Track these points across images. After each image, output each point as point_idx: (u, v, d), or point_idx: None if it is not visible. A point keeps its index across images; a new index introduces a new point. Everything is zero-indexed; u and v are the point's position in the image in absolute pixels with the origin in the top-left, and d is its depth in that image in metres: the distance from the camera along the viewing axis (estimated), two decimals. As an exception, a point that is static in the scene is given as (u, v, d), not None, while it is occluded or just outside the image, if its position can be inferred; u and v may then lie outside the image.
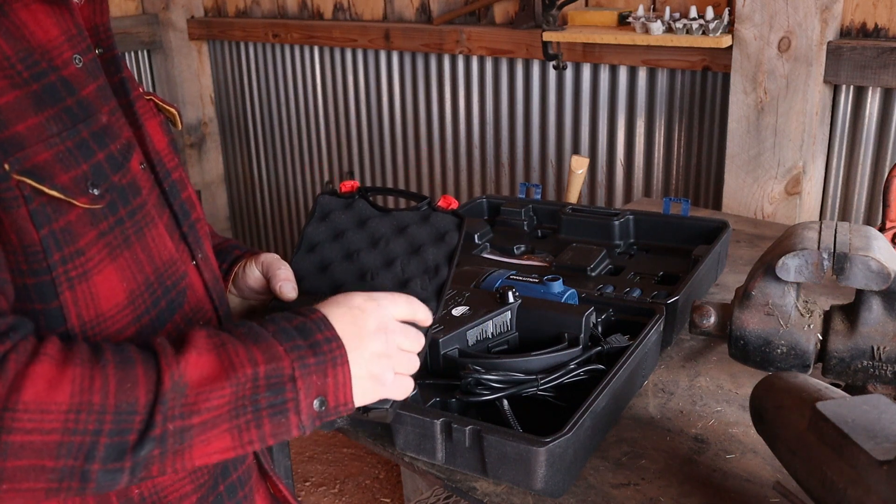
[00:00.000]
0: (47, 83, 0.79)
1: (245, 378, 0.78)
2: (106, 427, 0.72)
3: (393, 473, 2.97)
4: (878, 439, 0.87)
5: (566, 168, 2.85)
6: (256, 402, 0.79)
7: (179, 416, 0.75)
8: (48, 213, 0.77)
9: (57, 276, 0.78)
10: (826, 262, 1.16)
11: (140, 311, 0.85)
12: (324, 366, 0.83)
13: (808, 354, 1.21)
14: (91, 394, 0.72)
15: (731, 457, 1.22)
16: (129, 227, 0.84)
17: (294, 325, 0.84)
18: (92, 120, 0.82)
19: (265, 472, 1.08)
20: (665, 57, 2.49)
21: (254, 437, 0.80)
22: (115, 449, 0.73)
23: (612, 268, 1.76)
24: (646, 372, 1.42)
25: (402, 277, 1.10)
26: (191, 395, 0.76)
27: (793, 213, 2.28)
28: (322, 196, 1.20)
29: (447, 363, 1.29)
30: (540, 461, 1.08)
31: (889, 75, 2.08)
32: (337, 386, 0.83)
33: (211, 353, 0.79)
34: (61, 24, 0.83)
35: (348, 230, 1.17)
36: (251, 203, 4.20)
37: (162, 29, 3.89)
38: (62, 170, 0.77)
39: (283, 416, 0.81)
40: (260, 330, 0.83)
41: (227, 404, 0.78)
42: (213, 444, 0.78)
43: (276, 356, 0.80)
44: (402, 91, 3.31)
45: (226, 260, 1.14)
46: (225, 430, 0.78)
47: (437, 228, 1.13)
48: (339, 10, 3.41)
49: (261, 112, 3.92)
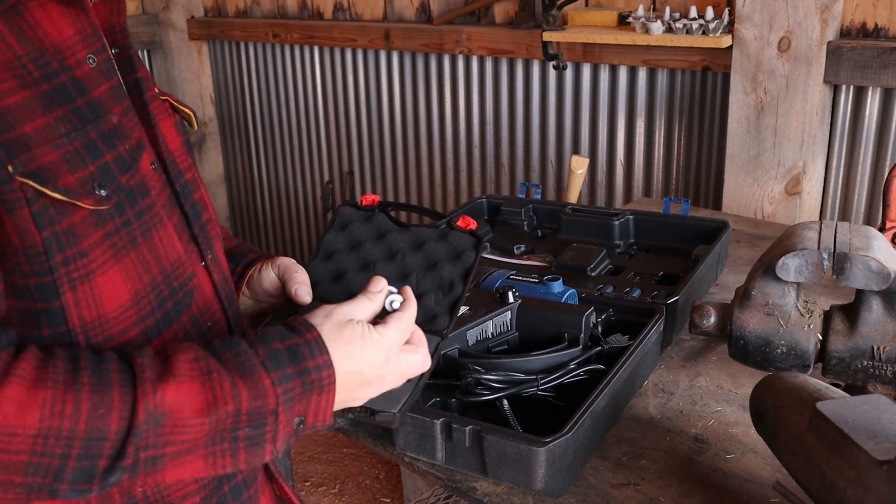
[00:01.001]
0: (58, 83, 0.79)
1: (227, 415, 0.77)
2: (74, 452, 0.72)
3: (393, 473, 2.97)
4: (878, 439, 0.87)
5: (566, 168, 2.85)
6: (235, 435, 0.79)
7: (153, 445, 0.75)
8: (51, 215, 0.76)
9: (58, 278, 0.77)
10: (826, 262, 1.16)
11: (145, 313, 0.85)
12: (309, 393, 0.82)
13: (808, 354, 1.21)
14: (61, 419, 0.71)
15: (731, 457, 1.22)
16: (136, 227, 0.84)
17: (286, 347, 0.83)
18: (102, 120, 0.82)
19: (271, 473, 1.07)
20: (665, 57, 2.49)
21: (227, 464, 0.81)
22: (83, 472, 0.73)
23: (612, 268, 1.76)
24: (646, 372, 1.42)
25: (416, 291, 1.10)
26: (168, 425, 0.75)
27: (793, 213, 2.28)
28: (343, 207, 1.22)
29: (447, 363, 1.29)
30: (540, 461, 1.08)
31: (889, 75, 2.08)
32: (318, 409, 0.84)
33: (195, 381, 0.77)
34: (76, 24, 0.83)
35: (366, 242, 1.18)
36: (251, 203, 4.20)
37: (162, 29, 3.89)
38: (69, 171, 0.77)
39: (260, 446, 0.81)
40: (248, 356, 0.81)
41: (205, 436, 0.78)
42: (186, 466, 0.79)
43: (261, 392, 0.79)
44: (402, 91, 3.31)
45: (240, 262, 1.14)
46: (200, 455, 0.79)
47: (455, 247, 1.14)
48: (339, 10, 3.41)
49: (261, 112, 3.92)
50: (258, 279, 1.12)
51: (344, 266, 1.17)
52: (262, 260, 1.13)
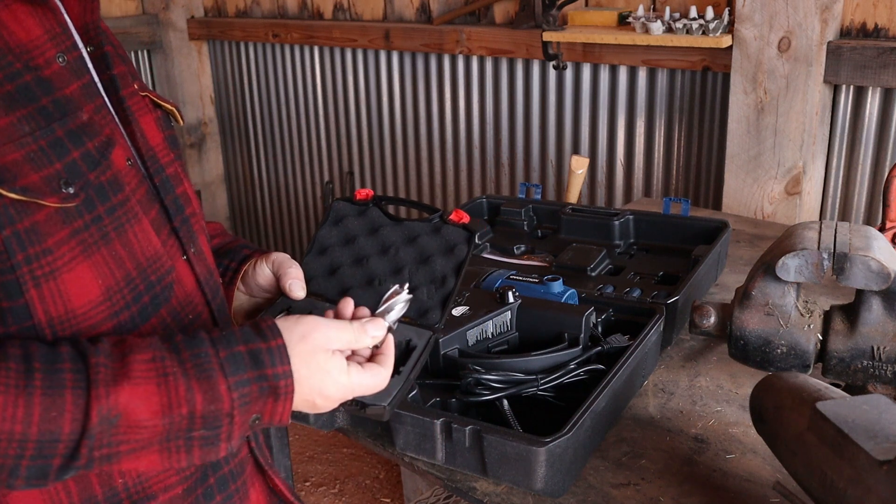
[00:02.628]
0: (22, 83, 0.79)
1: (180, 417, 0.78)
2: (28, 453, 0.73)
3: (393, 473, 2.97)
4: (878, 439, 0.87)
5: (566, 168, 2.85)
6: (189, 435, 0.80)
7: (107, 444, 0.76)
8: (11, 215, 0.77)
9: (21, 276, 0.78)
10: (826, 262, 1.16)
11: (119, 307, 0.85)
12: (265, 397, 0.83)
13: (808, 354, 1.21)
14: (13, 423, 0.72)
15: (731, 457, 1.22)
16: (107, 223, 0.84)
17: (248, 351, 0.82)
18: (70, 118, 0.83)
19: (261, 465, 1.07)
20: (665, 57, 2.49)
21: (182, 459, 0.81)
22: (38, 470, 0.75)
23: (612, 268, 1.76)
24: (646, 372, 1.42)
25: (409, 285, 1.11)
26: (122, 426, 0.76)
27: (793, 213, 2.28)
28: (337, 202, 1.22)
29: (447, 363, 1.29)
30: (540, 461, 1.08)
31: (889, 75, 2.08)
32: (275, 412, 0.84)
33: (150, 383, 0.77)
34: (44, 24, 0.84)
35: (360, 236, 1.19)
36: (251, 203, 4.20)
37: (162, 29, 3.89)
38: (32, 169, 0.78)
39: (214, 445, 0.82)
40: (208, 357, 0.81)
41: (159, 435, 0.78)
42: (142, 460, 0.80)
43: (217, 397, 0.79)
44: (402, 91, 3.31)
45: (235, 259, 1.15)
46: (155, 451, 0.80)
47: (448, 241, 1.15)
48: (339, 10, 3.41)
49: (261, 112, 3.92)
50: (253, 275, 1.13)
51: (338, 261, 1.17)
52: (257, 256, 1.14)
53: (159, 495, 0.90)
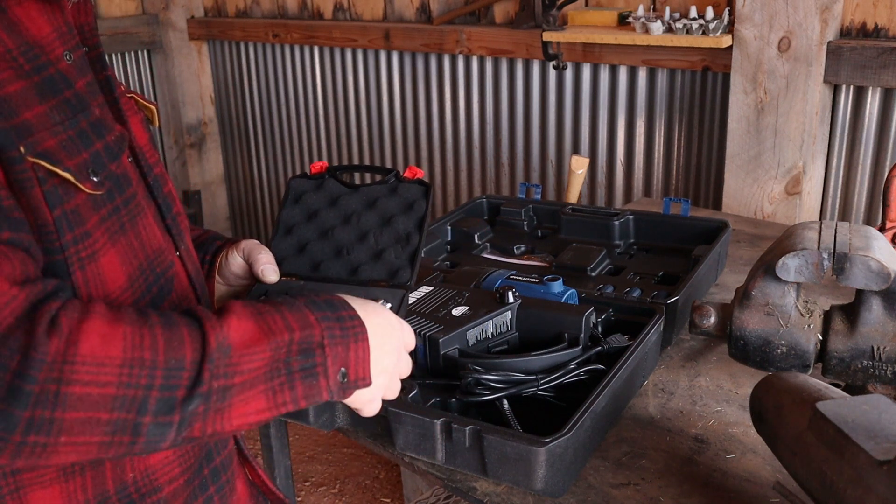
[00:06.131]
0: (47, 75, 0.82)
1: (282, 342, 0.82)
2: (157, 382, 0.74)
3: (393, 473, 2.97)
4: (878, 439, 0.87)
5: (566, 168, 2.85)
6: (289, 364, 0.83)
7: (223, 374, 0.78)
8: (59, 195, 0.79)
9: (69, 256, 0.80)
10: (826, 262, 1.16)
11: (138, 295, 0.89)
12: (347, 339, 0.87)
13: (808, 354, 1.21)
14: (142, 350, 0.74)
15: (731, 457, 1.22)
16: (124, 214, 0.88)
17: (323, 300, 0.89)
18: (88, 112, 0.86)
19: (245, 457, 1.12)
20: (665, 57, 2.49)
21: (287, 399, 0.83)
22: (165, 403, 0.75)
23: (612, 268, 1.76)
24: (646, 372, 1.42)
25: (375, 249, 1.15)
26: (234, 355, 0.79)
27: (793, 213, 2.28)
28: (293, 179, 1.25)
29: (447, 363, 1.29)
30: (540, 461, 1.08)
31: (889, 75, 2.08)
32: (357, 361, 0.88)
33: (250, 319, 0.82)
34: (53, 22, 0.86)
35: (321, 209, 1.21)
36: (251, 203, 4.20)
37: (162, 29, 3.89)
38: (66, 156, 0.80)
39: (314, 378, 0.84)
40: (292, 300, 0.87)
41: (265, 366, 0.81)
42: (251, 403, 0.81)
43: (308, 324, 0.84)
44: (402, 91, 3.31)
45: (208, 251, 1.17)
46: (261, 391, 0.82)
47: (406, 198, 1.18)
48: (339, 10, 3.41)
49: (261, 112, 3.92)
50: (227, 265, 1.16)
51: (305, 237, 1.20)
52: (228, 246, 1.17)
53: (164, 487, 0.94)
